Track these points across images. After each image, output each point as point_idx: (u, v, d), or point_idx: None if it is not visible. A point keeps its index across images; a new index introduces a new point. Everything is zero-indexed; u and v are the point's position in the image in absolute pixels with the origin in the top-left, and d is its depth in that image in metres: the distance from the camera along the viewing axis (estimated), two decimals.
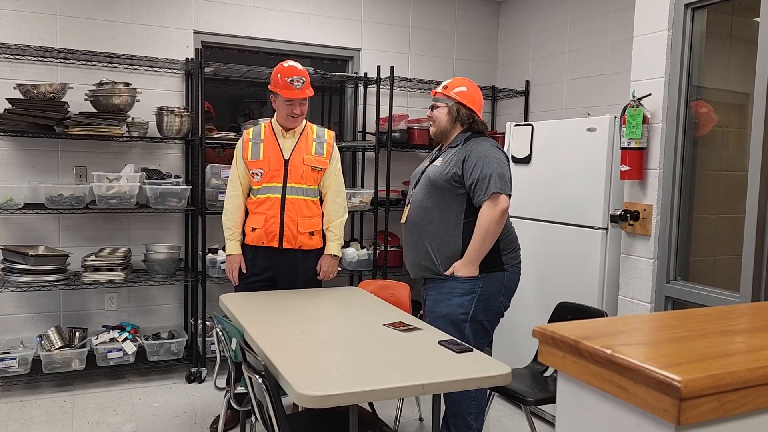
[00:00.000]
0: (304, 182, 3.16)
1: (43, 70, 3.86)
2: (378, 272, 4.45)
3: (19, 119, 3.54)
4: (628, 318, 0.85)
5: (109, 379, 3.93)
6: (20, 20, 3.79)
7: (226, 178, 3.97)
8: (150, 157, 4.16)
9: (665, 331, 0.80)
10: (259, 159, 3.16)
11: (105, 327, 4.02)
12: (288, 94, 3.09)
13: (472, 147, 2.75)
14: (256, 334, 2.37)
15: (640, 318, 0.85)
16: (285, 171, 3.14)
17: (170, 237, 4.23)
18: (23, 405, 3.54)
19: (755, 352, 0.71)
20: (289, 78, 3.09)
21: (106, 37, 3.99)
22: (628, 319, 0.85)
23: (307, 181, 3.17)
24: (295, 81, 3.09)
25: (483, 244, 2.68)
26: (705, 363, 0.67)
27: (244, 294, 3.09)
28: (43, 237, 3.93)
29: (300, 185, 3.16)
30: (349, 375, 1.97)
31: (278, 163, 3.14)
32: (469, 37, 5.08)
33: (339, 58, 4.77)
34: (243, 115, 6.36)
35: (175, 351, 4.00)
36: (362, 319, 2.66)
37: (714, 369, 0.64)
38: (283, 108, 3.14)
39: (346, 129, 4.81)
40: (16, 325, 3.92)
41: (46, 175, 3.90)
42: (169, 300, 4.29)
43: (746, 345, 0.74)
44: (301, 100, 3.12)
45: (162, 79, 4.15)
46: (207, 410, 3.55)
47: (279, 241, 3.15)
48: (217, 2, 4.26)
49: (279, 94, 3.12)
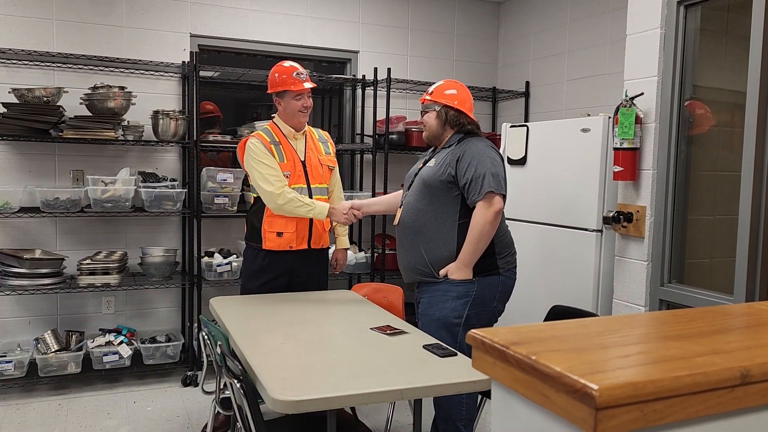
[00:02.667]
0: (324, 182, 3.26)
1: (40, 75, 3.87)
2: (376, 275, 4.42)
3: (14, 123, 3.55)
4: (571, 322, 0.81)
5: (104, 382, 3.93)
6: (17, 25, 3.81)
7: (222, 180, 3.98)
8: (147, 160, 4.16)
9: (604, 336, 0.76)
10: (285, 162, 3.13)
11: (101, 330, 4.03)
12: (299, 87, 3.11)
13: (466, 147, 2.72)
14: (239, 338, 2.35)
15: (583, 322, 0.81)
16: (305, 172, 3.16)
17: (167, 240, 4.23)
18: (18, 408, 3.55)
19: (688, 359, 0.67)
20: (295, 73, 3.13)
21: (102, 41, 4.00)
22: (571, 323, 0.81)
23: (326, 180, 3.28)
24: (301, 74, 3.14)
25: (477, 245, 2.64)
26: (630, 370, 0.63)
27: (235, 297, 3.08)
28: (41, 240, 3.95)
29: (321, 185, 3.24)
30: (327, 380, 1.94)
31: (298, 165, 3.16)
32: (468, 38, 5.04)
33: (337, 60, 4.75)
34: (250, 119, 6.37)
35: (171, 354, 3.99)
36: (350, 323, 2.63)
37: (637, 376, 0.61)
38: (293, 104, 3.14)
39: (345, 131, 4.79)
40: (14, 328, 3.93)
41: (43, 179, 3.91)
42: (166, 303, 4.29)
43: (681, 351, 0.70)
44: (309, 93, 3.17)
45: (158, 83, 4.16)
46: (201, 414, 3.53)
47: (308, 242, 3.18)
48: (213, 5, 4.26)
49: (288, 90, 3.12)
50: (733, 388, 0.64)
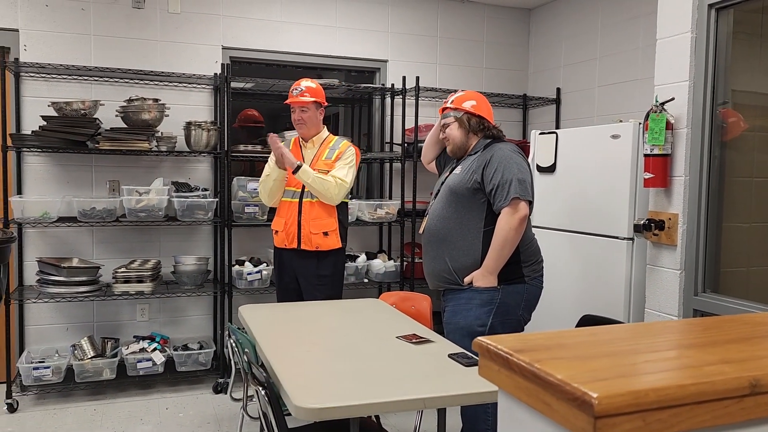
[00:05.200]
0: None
1: (78, 88, 4.00)
2: (405, 284, 4.42)
3: (53, 135, 3.67)
4: (580, 330, 0.80)
5: (138, 388, 4.00)
6: (56, 40, 3.94)
7: (252, 190, 4.04)
8: (180, 170, 4.25)
9: (613, 344, 0.74)
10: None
11: (136, 337, 4.11)
12: (289, 101, 3.41)
13: (493, 152, 2.70)
14: (266, 345, 2.37)
15: (593, 330, 0.80)
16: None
17: (199, 249, 4.30)
18: (56, 413, 3.64)
19: (696, 368, 0.65)
20: (293, 88, 3.41)
21: (137, 54, 4.11)
22: (580, 331, 0.79)
23: None
24: (293, 90, 3.39)
25: (501, 252, 2.61)
26: (633, 378, 0.61)
27: (264, 305, 3.11)
28: (78, 249, 4.06)
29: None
30: (350, 388, 1.94)
31: None
32: (498, 45, 5.02)
33: (366, 69, 4.78)
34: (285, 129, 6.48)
35: (203, 362, 4.05)
36: (376, 331, 2.63)
37: (639, 385, 0.59)
38: (291, 117, 3.45)
39: (374, 140, 4.81)
40: (52, 334, 4.04)
41: (80, 190, 4.02)
42: (199, 311, 4.36)
43: (691, 360, 0.68)
44: (300, 108, 3.37)
45: (191, 95, 4.24)
46: (232, 421, 3.57)
47: (297, 242, 3.36)
48: (244, 18, 4.34)
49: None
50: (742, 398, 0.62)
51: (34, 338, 3.99)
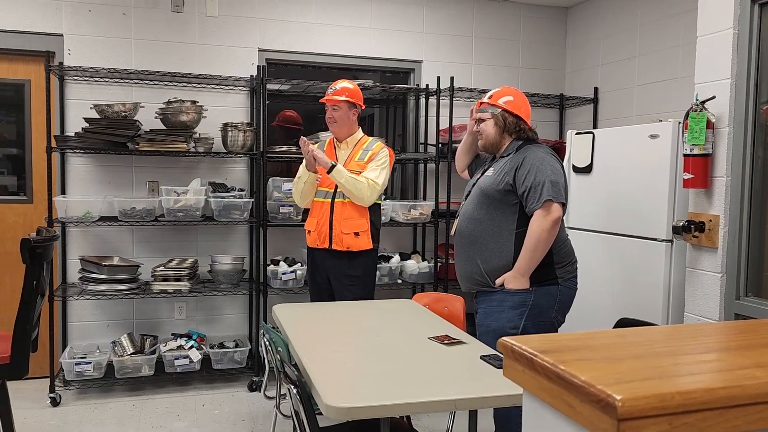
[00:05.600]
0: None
1: (119, 91, 4.10)
2: (439, 285, 4.40)
3: (95, 137, 3.77)
4: (609, 332, 0.78)
5: (176, 385, 4.08)
6: (98, 44, 4.05)
7: (287, 191, 4.08)
8: (217, 171, 4.32)
9: (642, 346, 0.73)
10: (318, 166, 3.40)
11: (173, 335, 4.19)
12: (321, 99, 3.47)
13: (526, 154, 2.67)
14: (298, 344, 2.39)
15: (622, 332, 0.78)
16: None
17: (235, 248, 4.36)
18: (96, 408, 3.74)
19: (728, 371, 0.63)
20: (328, 88, 3.46)
21: (176, 57, 4.19)
22: (608, 333, 0.78)
23: None
24: (329, 89, 3.44)
25: (534, 254, 2.59)
26: (660, 381, 0.60)
27: (297, 305, 3.14)
28: (119, 248, 4.16)
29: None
30: (382, 388, 1.95)
31: None
32: (534, 44, 4.97)
33: (401, 70, 4.78)
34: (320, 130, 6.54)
35: (238, 360, 4.10)
36: (408, 332, 2.62)
37: (666, 388, 0.58)
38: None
39: (408, 141, 4.81)
40: (93, 331, 4.15)
41: (121, 190, 4.12)
42: (235, 310, 4.42)
43: (722, 363, 0.65)
44: (332, 106, 3.40)
45: (228, 96, 4.31)
46: (266, 419, 3.61)
47: (329, 242, 3.38)
48: (280, 20, 4.39)
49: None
50: None
51: (77, 334, 4.11)
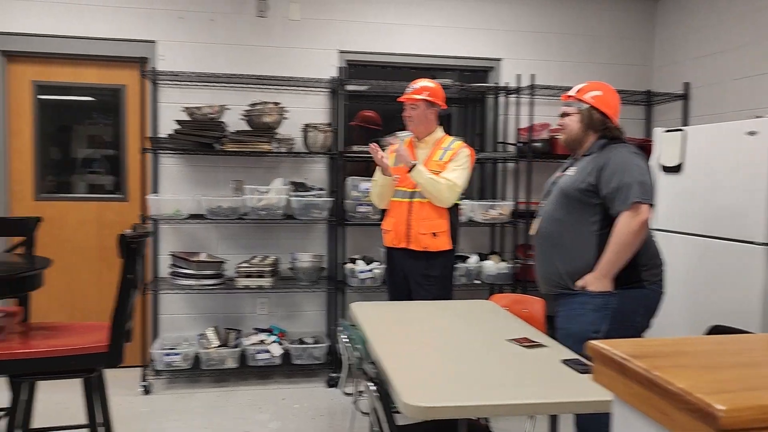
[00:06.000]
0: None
1: (206, 94, 4.27)
2: (518, 286, 4.33)
3: (185, 138, 3.95)
4: (705, 338, 0.74)
5: (257, 378, 4.21)
6: (188, 50, 4.24)
7: (365, 190, 4.12)
8: (298, 171, 4.42)
9: (742, 354, 0.68)
10: (398, 166, 3.41)
11: (255, 329, 4.33)
12: (399, 98, 3.46)
13: (610, 154, 2.58)
14: (376, 342, 2.41)
15: (719, 339, 0.74)
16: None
17: (314, 246, 4.45)
18: (184, 397, 3.91)
19: None
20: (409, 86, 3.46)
21: (260, 60, 4.32)
22: (704, 339, 0.74)
23: None
24: (407, 88, 3.44)
25: (618, 256, 2.49)
26: (764, 392, 0.56)
27: (375, 303, 3.16)
28: (205, 245, 4.34)
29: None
30: (460, 388, 1.93)
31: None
32: (620, 39, 4.79)
33: (480, 69, 4.74)
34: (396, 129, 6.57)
35: (317, 356, 4.19)
36: (487, 333, 2.59)
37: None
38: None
39: (487, 140, 4.75)
40: (182, 323, 4.35)
41: (208, 189, 4.29)
42: (313, 307, 4.51)
43: None
44: (410, 105, 3.39)
45: (309, 98, 4.41)
46: (344, 415, 3.66)
47: (406, 242, 3.38)
48: (360, 22, 4.45)
49: None
50: None
51: (166, 326, 4.32)
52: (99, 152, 4.35)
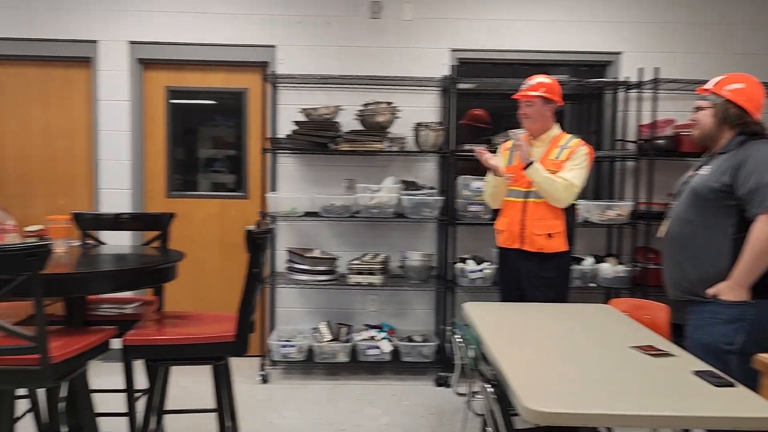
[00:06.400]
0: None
1: (322, 95, 4.40)
2: (637, 291, 4.12)
3: (302, 139, 4.09)
4: None
5: (368, 373, 4.30)
6: (305, 53, 4.39)
7: (476, 189, 4.09)
8: (408, 169, 4.45)
9: None
10: (511, 165, 3.40)
11: (366, 325, 4.41)
12: (514, 95, 3.39)
13: (749, 152, 2.41)
14: (492, 344, 2.38)
15: None
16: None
17: (423, 245, 4.47)
18: (298, 388, 4.06)
19: None
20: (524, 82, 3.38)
21: (373, 61, 4.40)
22: None
23: None
24: (522, 85, 3.37)
25: (755, 264, 2.32)
26: None
27: (488, 304, 3.13)
28: (318, 241, 4.47)
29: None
30: (584, 395, 1.87)
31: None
32: (756, 26, 4.44)
33: (597, 63, 4.55)
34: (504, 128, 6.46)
35: (426, 354, 4.20)
36: (607, 339, 2.49)
37: None
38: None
39: (604, 137, 4.56)
40: (296, 317, 4.52)
41: (322, 187, 4.43)
42: (422, 305, 4.53)
43: None
44: (526, 102, 3.32)
45: (420, 97, 4.43)
46: (453, 415, 3.65)
47: (520, 243, 3.32)
48: (473, 19, 4.41)
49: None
50: None
51: (282, 319, 4.50)
52: (221, 152, 4.61)
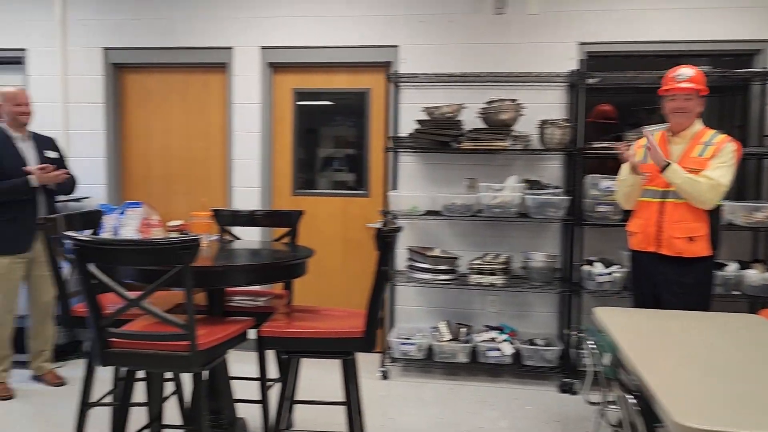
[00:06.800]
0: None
1: (443, 93, 4.37)
2: None
3: (424, 137, 4.09)
4: None
5: (487, 375, 4.23)
6: (427, 52, 4.38)
7: (605, 189, 3.90)
8: (531, 168, 4.33)
9: None
10: (646, 163, 3.20)
11: (486, 326, 4.34)
12: (665, 87, 3.15)
13: None
14: (632, 352, 2.25)
15: None
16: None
17: (547, 246, 4.33)
18: (417, 386, 4.07)
19: None
20: (674, 73, 3.15)
21: (495, 57, 4.31)
22: None
23: None
24: (678, 75, 3.14)
25: None
26: None
27: (622, 309, 2.97)
28: (438, 240, 4.46)
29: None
30: (739, 412, 1.72)
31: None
32: None
33: (743, 53, 4.19)
34: (629, 124, 6.12)
35: (549, 359, 4.07)
36: (760, 352, 2.28)
37: None
38: (666, 106, 3.17)
39: (750, 133, 4.19)
40: (415, 315, 4.53)
41: (442, 186, 4.40)
42: (544, 308, 4.39)
43: None
44: (685, 95, 3.08)
45: (545, 93, 4.29)
46: (578, 424, 3.50)
47: (657, 246, 3.14)
48: (602, 11, 4.21)
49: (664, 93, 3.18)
50: None
51: (402, 317, 4.52)
52: (342, 151, 4.71)
